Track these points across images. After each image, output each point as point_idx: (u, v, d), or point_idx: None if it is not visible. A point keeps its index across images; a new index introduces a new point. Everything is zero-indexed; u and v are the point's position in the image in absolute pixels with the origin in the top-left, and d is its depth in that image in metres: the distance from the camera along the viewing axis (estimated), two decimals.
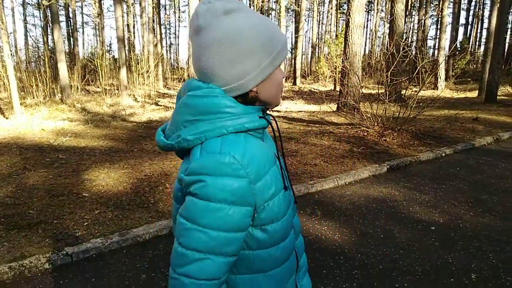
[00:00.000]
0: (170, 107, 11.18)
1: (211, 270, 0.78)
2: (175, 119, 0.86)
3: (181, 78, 20.46)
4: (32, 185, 4.32)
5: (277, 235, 0.88)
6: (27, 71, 13.83)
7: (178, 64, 32.47)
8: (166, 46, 35.22)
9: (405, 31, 14.08)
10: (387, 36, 15.49)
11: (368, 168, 5.21)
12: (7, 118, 8.54)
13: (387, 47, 8.07)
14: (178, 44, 40.24)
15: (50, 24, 15.50)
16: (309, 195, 4.38)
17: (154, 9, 20.44)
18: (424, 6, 22.08)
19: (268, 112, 0.96)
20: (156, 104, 12.02)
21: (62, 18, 24.23)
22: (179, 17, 40.46)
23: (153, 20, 20.26)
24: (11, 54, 9.54)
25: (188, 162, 0.82)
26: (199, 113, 0.81)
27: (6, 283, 2.63)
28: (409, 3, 21.40)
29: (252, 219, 0.83)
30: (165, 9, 36.39)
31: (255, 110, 0.86)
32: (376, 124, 7.24)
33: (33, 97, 11.40)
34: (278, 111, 10.54)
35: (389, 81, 7.70)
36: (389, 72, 7.41)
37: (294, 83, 18.53)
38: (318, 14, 27.84)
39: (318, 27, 31.39)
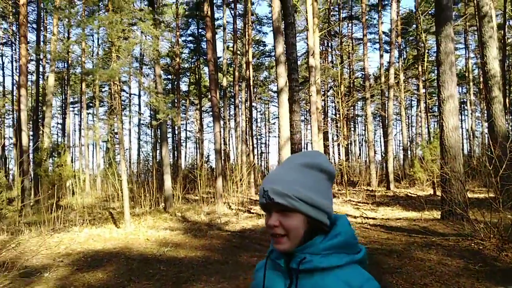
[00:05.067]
0: (262, 214, 11.33)
1: None
2: None
3: None
4: None
5: None
6: (137, 182, 15.60)
7: (268, 171, 33.86)
8: (257, 155, 37.37)
9: (508, 130, 13.09)
10: (486, 136, 14.51)
11: None
12: (118, 228, 9.44)
13: (490, 150, 7.48)
14: (268, 153, 42.53)
15: (159, 141, 17.75)
16: None
17: (247, 123, 22.35)
18: None
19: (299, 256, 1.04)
20: (249, 211, 12.32)
21: (169, 135, 27.66)
22: (269, 129, 43.48)
23: (246, 133, 22.01)
24: (126, 169, 10.95)
25: None
26: None
27: None
28: (507, 100, 20.26)
29: None
30: (256, 122, 39.62)
31: None
32: (492, 236, 6.38)
33: (141, 207, 12.59)
34: (374, 219, 9.99)
35: (499, 186, 6.95)
36: (498, 177, 6.73)
37: (388, 188, 17.73)
38: (407, 118, 27.72)
39: (408, 130, 30.87)
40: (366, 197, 14.61)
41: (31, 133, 20.81)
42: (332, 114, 32.51)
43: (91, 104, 30.50)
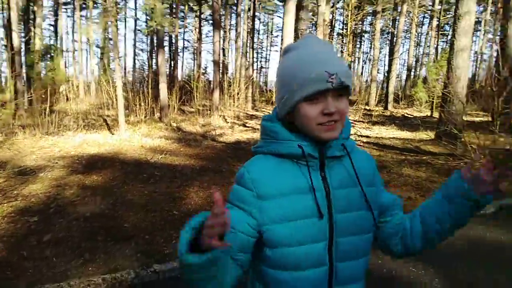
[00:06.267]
0: (258, 128, 11.36)
1: None
2: None
3: (268, 100, 20.86)
4: (130, 200, 4.62)
5: (285, 260, 0.94)
6: (132, 91, 15.33)
7: (266, 86, 33.32)
8: (257, 69, 36.47)
9: None
10: (494, 59, 14.01)
11: None
12: (112, 134, 9.46)
13: (498, 71, 7.21)
14: (268, 68, 41.44)
15: (155, 49, 17.08)
16: None
17: (249, 34, 21.36)
18: None
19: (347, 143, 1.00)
20: (244, 125, 12.34)
21: (165, 43, 26.57)
22: (271, 42, 41.78)
23: (247, 45, 21.14)
24: (121, 76, 10.65)
25: None
26: (261, 133, 1.04)
27: None
28: None
29: (259, 235, 0.95)
30: (258, 33, 37.94)
31: (298, 139, 0.95)
32: (482, 156, 6.43)
33: (136, 115, 12.52)
34: (367, 137, 10.05)
35: (499, 109, 6.84)
36: (501, 99, 6.59)
37: (386, 108, 17.65)
38: (416, 36, 26.45)
39: (416, 49, 29.76)
40: (363, 116, 14.61)
41: (22, 34, 19.84)
42: (339, 28, 30.97)
43: (84, 6, 28.74)
